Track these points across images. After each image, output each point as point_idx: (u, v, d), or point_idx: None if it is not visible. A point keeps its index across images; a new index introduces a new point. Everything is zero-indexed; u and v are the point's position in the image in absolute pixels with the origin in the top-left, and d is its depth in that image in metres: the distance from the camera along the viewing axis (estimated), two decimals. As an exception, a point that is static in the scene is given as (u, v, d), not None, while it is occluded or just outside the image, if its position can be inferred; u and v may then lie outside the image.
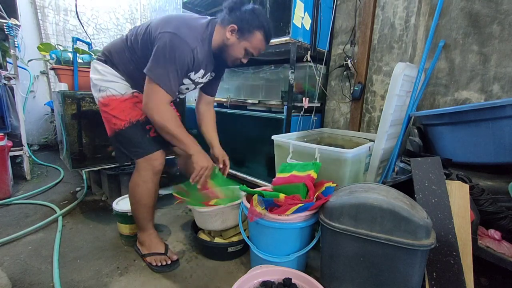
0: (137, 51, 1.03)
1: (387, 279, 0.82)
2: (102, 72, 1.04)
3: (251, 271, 0.90)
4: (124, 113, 1.03)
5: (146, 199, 1.11)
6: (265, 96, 1.87)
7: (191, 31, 0.97)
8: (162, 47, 0.92)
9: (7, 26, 1.88)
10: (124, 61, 1.03)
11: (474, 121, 1.08)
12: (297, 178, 1.11)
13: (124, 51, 1.04)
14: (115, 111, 1.03)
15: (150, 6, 3.71)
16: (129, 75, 1.05)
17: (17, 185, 2.01)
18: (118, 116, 1.03)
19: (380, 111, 1.71)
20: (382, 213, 0.80)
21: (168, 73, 0.93)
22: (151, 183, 1.09)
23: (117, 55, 1.04)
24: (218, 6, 2.23)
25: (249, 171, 1.90)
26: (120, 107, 1.03)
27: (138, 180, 1.09)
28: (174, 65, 0.94)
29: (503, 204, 0.96)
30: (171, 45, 0.92)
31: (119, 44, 1.06)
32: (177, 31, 0.93)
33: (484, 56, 1.34)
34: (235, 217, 1.24)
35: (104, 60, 1.05)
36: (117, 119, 1.04)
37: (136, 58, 1.04)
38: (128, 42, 1.05)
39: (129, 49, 1.04)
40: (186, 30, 0.95)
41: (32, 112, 3.04)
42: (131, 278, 1.09)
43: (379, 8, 1.66)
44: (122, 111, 1.03)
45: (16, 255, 1.20)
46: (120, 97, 1.03)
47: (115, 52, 1.05)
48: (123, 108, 1.03)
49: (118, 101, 1.03)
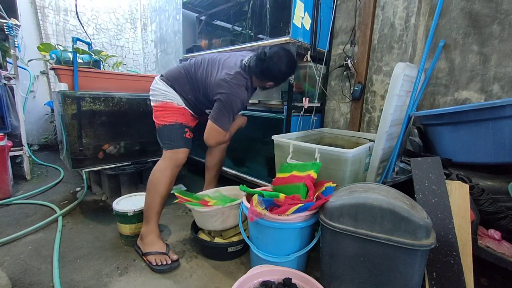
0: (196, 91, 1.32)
1: (387, 279, 0.82)
2: (168, 90, 1.31)
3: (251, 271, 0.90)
4: (174, 115, 1.30)
5: (162, 186, 1.22)
6: (265, 96, 1.87)
7: (240, 87, 1.24)
8: (223, 105, 1.22)
9: (7, 26, 1.88)
10: (185, 91, 1.32)
11: (474, 121, 1.08)
12: (297, 178, 1.11)
13: (186, 84, 1.32)
14: (168, 112, 1.30)
15: (150, 6, 3.72)
16: (185, 98, 1.33)
17: (17, 185, 2.02)
18: (169, 115, 1.29)
19: (380, 111, 1.71)
20: (382, 213, 0.80)
21: (229, 119, 1.26)
22: (170, 171, 1.25)
23: (179, 86, 1.32)
24: (217, 6, 2.23)
25: (249, 171, 1.90)
26: (173, 111, 1.30)
27: (161, 166, 1.25)
28: (232, 113, 1.26)
29: (503, 204, 0.96)
30: (229, 102, 1.22)
31: (183, 80, 1.33)
32: (231, 91, 1.21)
33: (484, 56, 1.34)
34: (235, 217, 1.24)
35: (170, 84, 1.32)
36: (168, 117, 1.29)
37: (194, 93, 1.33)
38: (189, 79, 1.33)
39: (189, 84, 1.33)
40: (237, 87, 1.23)
41: (32, 112, 3.04)
42: (131, 278, 1.09)
43: (379, 8, 1.66)
44: (173, 113, 1.30)
45: (16, 255, 1.20)
46: (176, 106, 1.31)
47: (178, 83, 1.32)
48: (174, 112, 1.30)
49: (174, 107, 1.30)
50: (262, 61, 1.22)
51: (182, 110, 1.32)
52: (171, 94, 1.30)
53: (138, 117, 1.75)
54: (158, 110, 1.31)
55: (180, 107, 1.31)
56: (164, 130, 1.28)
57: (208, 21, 2.42)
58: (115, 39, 3.59)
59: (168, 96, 1.30)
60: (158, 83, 1.33)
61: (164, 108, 1.30)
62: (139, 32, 3.81)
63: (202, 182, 1.71)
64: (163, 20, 3.49)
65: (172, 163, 1.25)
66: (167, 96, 1.30)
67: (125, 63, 3.62)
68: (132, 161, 1.78)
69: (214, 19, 2.40)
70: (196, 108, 1.36)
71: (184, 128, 1.31)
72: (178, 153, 1.27)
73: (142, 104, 1.75)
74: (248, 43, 1.75)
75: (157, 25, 3.64)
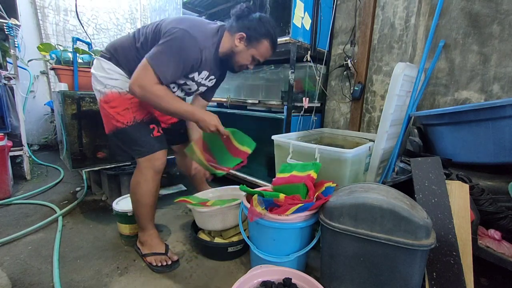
0: (145, 49, 1.01)
1: (387, 279, 0.82)
2: (107, 70, 1.03)
3: (251, 271, 0.90)
4: (129, 112, 1.03)
5: (147, 198, 1.11)
6: (265, 96, 1.87)
7: (203, 32, 0.99)
8: (170, 40, 0.92)
9: (7, 26, 1.88)
10: (130, 59, 1.03)
11: (474, 121, 1.08)
12: (297, 178, 1.11)
13: (131, 50, 1.03)
14: (119, 108, 1.02)
15: (150, 6, 3.71)
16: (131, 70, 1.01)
17: (17, 185, 2.01)
18: (122, 113, 1.02)
19: (380, 111, 1.71)
20: (382, 213, 0.80)
21: (169, 63, 0.92)
22: (152, 182, 1.09)
23: (123, 53, 1.03)
24: (218, 6, 2.23)
25: (249, 171, 1.90)
26: (124, 105, 1.02)
27: (140, 179, 1.09)
28: (179, 58, 0.94)
29: (503, 204, 0.96)
30: (181, 39, 0.92)
31: (126, 43, 1.05)
32: (190, 29, 0.94)
33: (484, 56, 1.34)
34: (235, 217, 1.24)
35: (108, 57, 1.04)
36: (121, 116, 1.03)
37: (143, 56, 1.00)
38: (137, 42, 1.04)
39: (136, 48, 1.04)
40: (197, 30, 0.97)
41: (32, 112, 3.04)
42: (131, 278, 1.09)
43: (379, 8, 1.66)
44: (127, 109, 1.02)
45: (16, 255, 1.20)
46: (125, 95, 1.02)
47: (121, 50, 1.04)
48: (128, 106, 1.02)
49: (122, 98, 1.02)
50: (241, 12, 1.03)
51: (133, 98, 1.01)
52: (110, 75, 1.01)
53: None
54: (105, 106, 1.03)
55: (128, 94, 1.00)
56: (124, 134, 1.03)
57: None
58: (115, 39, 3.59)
59: (107, 81, 1.00)
60: (97, 63, 1.04)
61: (111, 103, 1.00)
62: (139, 32, 3.80)
63: (202, 182, 1.70)
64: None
65: (150, 172, 1.07)
66: (106, 81, 1.00)
67: (125, 63, 3.61)
68: (132, 161, 1.77)
69: (214, 19, 2.40)
70: None
71: (147, 125, 1.07)
72: (154, 159, 1.07)
73: (142, 104, 1.75)
74: (248, 43, 1.75)
75: (157, 25, 3.63)
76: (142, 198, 1.11)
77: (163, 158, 1.10)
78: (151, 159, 1.07)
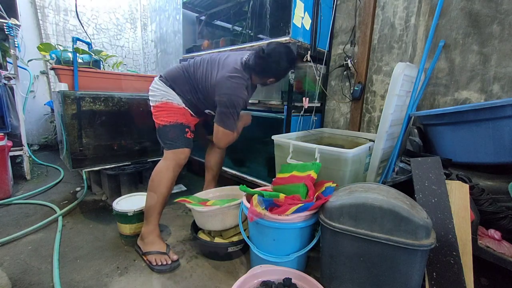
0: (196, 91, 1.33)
1: (387, 279, 0.82)
2: (167, 91, 1.31)
3: (251, 271, 0.90)
4: (174, 115, 1.30)
5: (163, 186, 1.23)
6: (265, 96, 1.87)
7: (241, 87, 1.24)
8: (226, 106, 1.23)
9: (7, 26, 1.88)
10: (184, 91, 1.32)
11: (474, 121, 1.08)
12: (297, 178, 1.11)
13: (185, 85, 1.32)
14: (168, 111, 1.29)
15: (150, 6, 3.71)
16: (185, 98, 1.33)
17: (17, 185, 2.01)
18: (169, 115, 1.29)
19: (380, 111, 1.71)
20: (382, 213, 0.80)
21: (234, 120, 1.27)
22: (172, 172, 1.25)
23: (178, 86, 1.32)
24: (218, 6, 2.23)
25: (249, 171, 1.90)
26: (173, 111, 1.30)
27: (163, 167, 1.25)
28: (236, 113, 1.26)
29: (503, 204, 0.96)
30: (231, 102, 1.22)
31: (182, 80, 1.33)
32: (232, 91, 1.22)
33: (484, 56, 1.34)
34: (235, 217, 1.24)
35: (169, 85, 1.31)
36: (168, 117, 1.29)
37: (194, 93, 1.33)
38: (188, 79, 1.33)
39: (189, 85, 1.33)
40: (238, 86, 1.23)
41: (32, 112, 3.04)
42: (131, 278, 1.09)
43: (379, 8, 1.66)
44: (173, 113, 1.30)
45: (16, 255, 1.20)
46: (176, 106, 1.31)
47: (178, 84, 1.32)
48: (174, 112, 1.30)
49: (173, 107, 1.30)
50: (261, 59, 1.23)
51: (182, 110, 1.32)
52: (170, 94, 1.30)
53: (138, 117, 1.75)
54: (157, 110, 1.31)
55: (180, 106, 1.31)
56: (164, 130, 1.29)
57: (208, 21, 2.42)
58: (115, 39, 3.59)
59: (167, 96, 1.30)
60: (157, 83, 1.33)
61: (163, 108, 1.30)
62: (139, 32, 3.81)
63: (202, 182, 1.71)
64: (163, 20, 3.49)
65: (173, 163, 1.26)
66: (166, 96, 1.30)
67: (125, 63, 3.62)
68: (132, 161, 1.78)
69: (214, 19, 2.40)
70: (195, 108, 1.36)
71: (184, 128, 1.31)
72: (179, 153, 1.27)
73: (142, 104, 1.75)
74: (248, 43, 1.75)
75: (157, 25, 3.63)
76: (159, 185, 1.22)
77: (186, 155, 1.30)
78: (177, 152, 1.27)
